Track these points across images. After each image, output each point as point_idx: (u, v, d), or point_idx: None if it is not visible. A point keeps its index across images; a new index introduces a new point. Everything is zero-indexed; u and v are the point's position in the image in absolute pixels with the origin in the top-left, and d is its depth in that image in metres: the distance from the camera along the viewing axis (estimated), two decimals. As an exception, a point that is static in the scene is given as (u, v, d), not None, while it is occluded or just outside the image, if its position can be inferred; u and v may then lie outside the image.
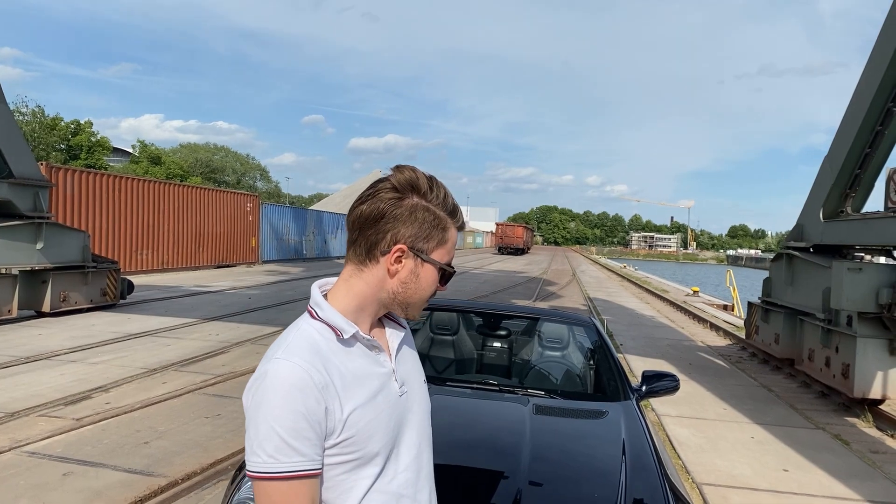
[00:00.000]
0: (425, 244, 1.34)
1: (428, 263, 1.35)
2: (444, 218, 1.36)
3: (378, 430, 1.31)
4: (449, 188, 1.41)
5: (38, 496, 4.40)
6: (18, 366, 8.13)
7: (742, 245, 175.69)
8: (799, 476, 5.65)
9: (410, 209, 1.33)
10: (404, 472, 1.37)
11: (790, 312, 10.04)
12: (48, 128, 47.96)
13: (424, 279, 1.36)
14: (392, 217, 1.32)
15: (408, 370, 1.46)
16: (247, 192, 39.19)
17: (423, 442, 1.45)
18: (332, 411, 1.25)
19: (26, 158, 12.33)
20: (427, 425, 1.49)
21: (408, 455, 1.39)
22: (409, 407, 1.41)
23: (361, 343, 1.35)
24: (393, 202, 1.32)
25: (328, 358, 1.28)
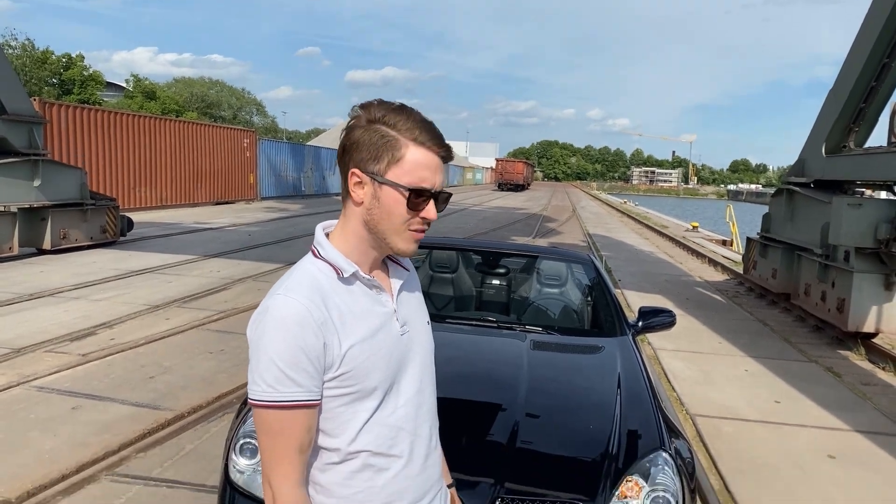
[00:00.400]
0: (376, 165, 1.33)
1: (386, 185, 1.33)
2: (394, 136, 1.33)
3: (377, 366, 1.35)
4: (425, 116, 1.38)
5: (49, 428, 4.52)
6: (22, 303, 8.22)
7: (743, 180, 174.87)
8: (790, 407, 5.79)
9: (360, 135, 1.34)
10: (404, 406, 1.41)
11: (788, 248, 10.08)
12: (39, 62, 46.99)
13: (386, 202, 1.34)
14: (349, 147, 1.35)
15: (410, 311, 1.49)
16: (244, 127, 38.73)
17: (425, 379, 1.49)
18: (331, 346, 1.29)
19: (19, 94, 12.15)
20: (430, 364, 1.53)
21: (408, 391, 1.43)
22: (410, 346, 1.45)
23: (362, 282, 1.39)
24: (348, 134, 1.36)
25: (328, 295, 1.33)
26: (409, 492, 1.41)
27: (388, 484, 1.38)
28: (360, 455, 1.36)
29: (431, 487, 1.48)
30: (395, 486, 1.39)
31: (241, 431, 2.58)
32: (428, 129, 1.35)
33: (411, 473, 1.41)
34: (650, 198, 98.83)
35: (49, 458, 4.08)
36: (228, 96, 76.08)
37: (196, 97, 68.83)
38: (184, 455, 4.25)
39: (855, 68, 9.04)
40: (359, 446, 1.35)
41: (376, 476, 1.37)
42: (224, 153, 27.65)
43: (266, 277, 10.65)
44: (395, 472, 1.39)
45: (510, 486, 2.30)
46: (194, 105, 65.93)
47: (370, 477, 1.37)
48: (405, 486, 1.40)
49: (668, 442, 2.58)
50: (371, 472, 1.37)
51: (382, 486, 1.38)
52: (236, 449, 2.54)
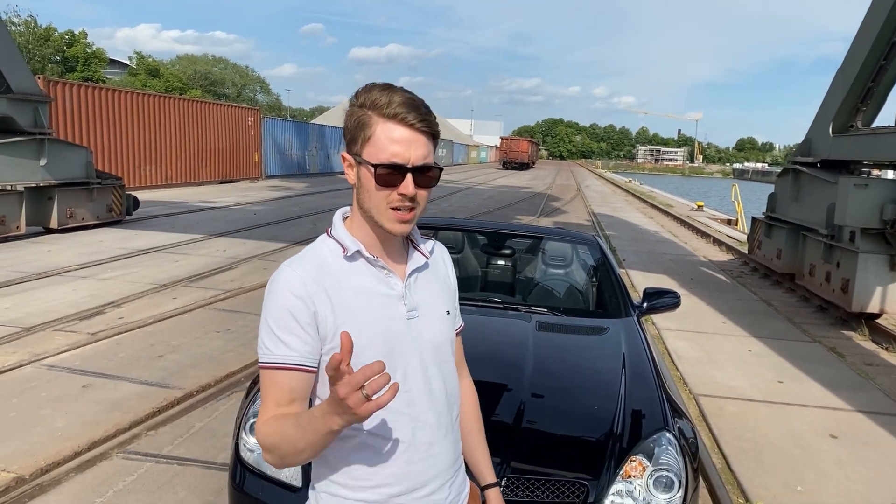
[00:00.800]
0: (354, 146, 1.38)
1: (362, 165, 1.36)
2: (364, 114, 1.35)
3: (372, 344, 1.36)
4: (410, 93, 1.37)
5: (60, 406, 4.59)
6: (31, 282, 8.28)
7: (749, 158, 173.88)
8: (793, 387, 5.83)
9: (345, 119, 1.39)
10: (406, 392, 1.40)
11: (793, 228, 10.07)
12: (42, 39, 46.80)
13: (364, 181, 1.38)
14: (343, 133, 1.42)
15: (424, 297, 1.49)
16: (248, 105, 38.57)
17: (435, 368, 1.48)
18: (324, 318, 1.34)
19: (23, 72, 12.12)
20: (445, 353, 1.52)
21: (412, 376, 1.42)
22: (419, 332, 1.45)
23: (367, 261, 1.42)
24: (346, 119, 1.41)
25: (329, 271, 1.39)
26: (410, 477, 1.42)
27: (387, 465, 1.40)
28: (359, 434, 1.38)
29: (437, 476, 1.47)
30: (395, 469, 1.40)
31: (251, 411, 2.63)
32: (404, 104, 1.33)
33: (412, 459, 1.42)
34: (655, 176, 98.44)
35: (61, 436, 4.15)
36: (232, 74, 75.79)
37: (200, 75, 68.56)
38: (193, 433, 4.32)
39: (864, 47, 8.96)
40: (358, 424, 1.35)
41: (375, 457, 1.39)
42: (228, 132, 27.59)
43: (272, 256, 10.69)
44: (395, 455, 1.40)
45: (516, 466, 2.34)
46: (198, 83, 65.70)
47: (369, 457, 1.39)
48: (406, 470, 1.41)
49: (671, 422, 2.62)
50: (370, 451, 1.39)
51: (381, 467, 1.40)
52: (246, 428, 2.59)
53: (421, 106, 1.36)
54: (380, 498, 1.40)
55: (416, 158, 1.34)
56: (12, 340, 5.96)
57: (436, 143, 1.42)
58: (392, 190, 1.35)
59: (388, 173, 1.33)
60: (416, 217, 1.41)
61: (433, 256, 1.57)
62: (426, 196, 1.41)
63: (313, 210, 18.09)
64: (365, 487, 1.40)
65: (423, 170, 1.36)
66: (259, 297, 8.02)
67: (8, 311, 6.89)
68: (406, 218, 1.38)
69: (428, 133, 1.37)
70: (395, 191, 1.35)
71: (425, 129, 1.36)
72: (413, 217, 1.40)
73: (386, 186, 1.34)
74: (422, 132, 1.35)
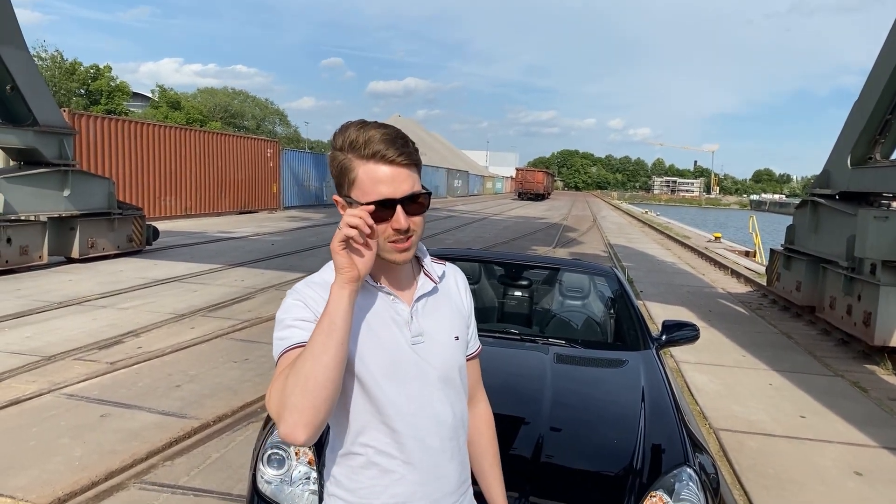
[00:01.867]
0: (343, 190, 1.43)
1: (353, 206, 1.39)
2: (345, 157, 1.39)
3: (371, 364, 1.42)
4: (385, 128, 1.39)
5: (79, 436, 4.61)
6: (52, 311, 8.38)
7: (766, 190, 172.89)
8: (816, 422, 5.73)
9: (329, 164, 1.45)
10: (411, 415, 1.45)
11: (813, 260, 9.98)
12: (67, 73, 47.93)
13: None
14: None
15: (432, 324, 1.52)
16: (267, 137, 39.11)
17: (440, 393, 1.50)
18: None
19: (49, 106, 12.41)
20: (453, 379, 1.54)
21: (416, 400, 1.46)
22: (425, 357, 1.48)
23: (372, 289, 1.47)
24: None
25: None
26: (416, 497, 1.46)
27: (393, 485, 1.44)
28: (366, 452, 1.44)
29: (443, 497, 1.50)
30: (400, 489, 1.45)
31: (268, 442, 2.63)
32: (381, 141, 1.36)
33: (417, 480, 1.46)
34: (672, 207, 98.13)
35: (79, 465, 4.16)
36: (252, 106, 76.98)
37: (220, 107, 69.71)
38: (210, 463, 4.31)
39: (881, 79, 8.96)
40: (364, 442, 1.44)
41: (381, 476, 1.44)
42: (248, 163, 27.96)
43: (289, 286, 10.63)
44: (400, 475, 1.44)
45: (534, 501, 2.31)
46: (218, 115, 66.77)
47: (375, 475, 1.44)
48: (411, 490, 1.45)
49: (692, 457, 2.58)
50: (376, 470, 1.44)
51: (386, 486, 1.44)
52: (264, 459, 2.59)
53: (397, 139, 1.38)
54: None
55: (402, 192, 1.37)
56: (33, 369, 6.01)
57: (419, 170, 1.44)
58: (385, 224, 1.38)
59: (377, 211, 1.35)
60: (414, 243, 1.44)
61: (444, 281, 1.60)
62: (420, 222, 1.43)
63: (330, 240, 18.15)
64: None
65: (412, 199, 1.39)
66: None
67: (29, 339, 6.96)
68: (404, 247, 1.41)
69: (408, 165, 1.39)
70: (389, 225, 1.38)
71: (405, 162, 1.38)
72: (411, 244, 1.42)
73: (379, 222, 1.37)
74: (402, 165, 1.38)
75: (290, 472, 2.52)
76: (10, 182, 11.19)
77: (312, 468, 2.51)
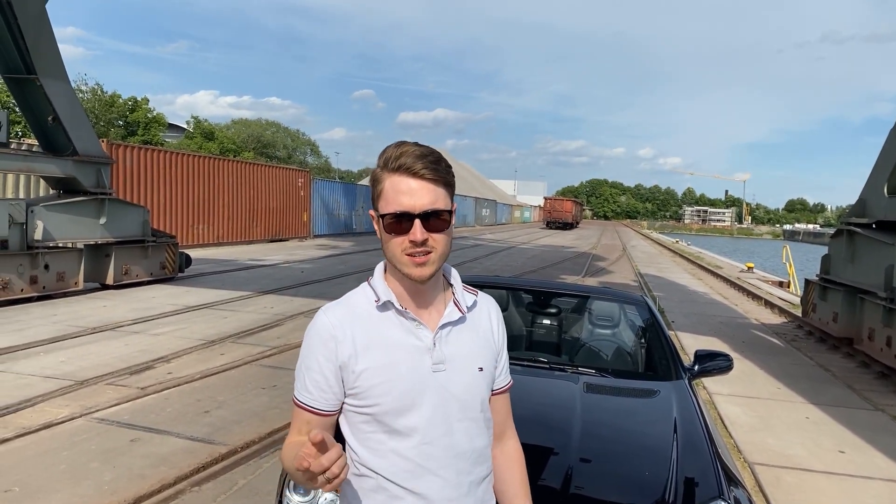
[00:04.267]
0: (375, 203, 1.47)
1: (381, 217, 1.44)
2: (376, 172, 1.46)
3: (390, 395, 1.43)
4: (419, 147, 1.43)
5: (109, 460, 4.64)
6: (86, 336, 8.52)
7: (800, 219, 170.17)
8: (856, 457, 5.54)
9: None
10: (424, 445, 1.44)
11: (850, 290, 9.75)
12: (107, 105, 49.30)
13: (382, 232, 1.45)
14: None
15: (455, 351, 1.50)
16: (298, 167, 39.67)
17: (460, 423, 1.48)
18: (347, 365, 1.45)
19: (89, 136, 12.75)
20: (473, 409, 1.51)
21: (433, 430, 1.45)
22: (445, 385, 1.47)
23: (397, 312, 1.48)
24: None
25: (360, 319, 1.47)
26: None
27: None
28: (375, 477, 1.45)
29: None
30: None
31: (295, 468, 2.62)
32: (409, 156, 1.40)
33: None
34: (703, 237, 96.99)
35: (108, 490, 4.19)
36: (284, 137, 78.32)
37: (252, 138, 71.04)
38: (237, 490, 4.31)
39: (917, 107, 8.80)
40: (374, 467, 1.45)
41: (389, 501, 1.44)
42: (279, 192, 28.37)
43: (317, 314, 10.77)
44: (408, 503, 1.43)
45: (564, 533, 2.26)
46: (251, 145, 68.04)
47: (384, 501, 1.44)
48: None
49: (726, 491, 2.51)
50: (385, 496, 1.44)
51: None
52: (290, 486, 2.58)
53: (429, 156, 1.41)
54: None
55: (421, 205, 1.39)
56: (66, 393, 6.10)
57: (449, 191, 1.46)
58: (403, 237, 1.40)
59: (394, 222, 1.40)
60: (432, 261, 1.43)
61: (473, 311, 1.57)
62: (443, 240, 1.43)
63: (359, 268, 18.29)
64: None
65: (433, 215, 1.40)
66: (304, 354, 8.08)
67: (63, 364, 7.08)
68: (421, 261, 1.41)
69: (434, 181, 1.41)
70: (406, 237, 1.40)
71: (430, 177, 1.40)
72: (429, 261, 1.42)
73: (397, 234, 1.41)
74: (427, 180, 1.40)
75: (317, 500, 2.51)
76: (48, 210, 11.48)
77: (339, 496, 2.49)
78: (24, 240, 10.91)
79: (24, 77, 11.41)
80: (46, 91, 11.48)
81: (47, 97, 11.52)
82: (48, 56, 11.64)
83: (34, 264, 11.01)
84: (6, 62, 11.35)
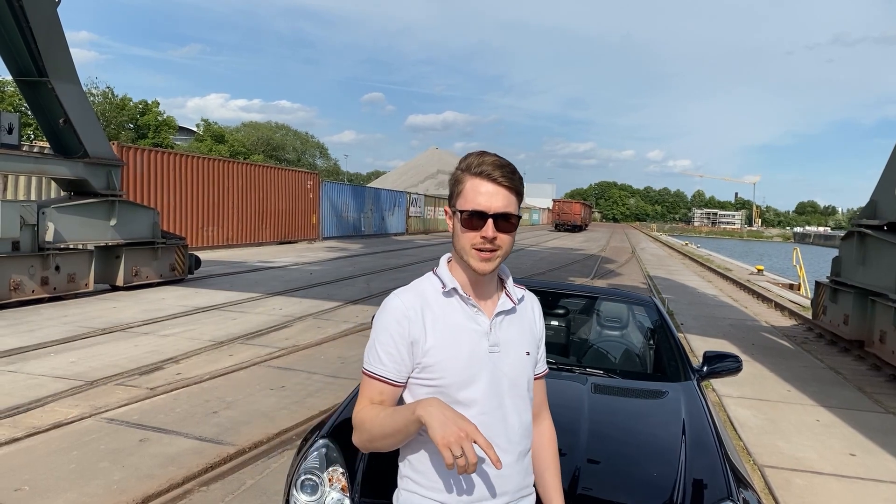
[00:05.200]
0: (452, 200, 1.70)
1: (455, 213, 1.66)
2: (459, 174, 1.66)
3: (451, 369, 1.64)
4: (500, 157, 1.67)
5: (118, 460, 4.67)
6: (96, 336, 8.56)
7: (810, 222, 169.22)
8: (867, 461, 5.50)
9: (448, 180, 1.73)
10: (482, 416, 1.62)
11: (861, 293, 9.69)
12: (118, 108, 49.64)
13: (456, 226, 1.66)
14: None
15: (508, 337, 1.73)
16: (307, 169, 39.80)
17: (510, 399, 1.70)
18: (418, 341, 1.64)
19: (100, 139, 12.84)
20: (521, 387, 1.74)
21: (488, 402, 1.66)
22: (498, 366, 1.69)
23: (460, 299, 1.70)
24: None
25: (429, 303, 1.68)
26: (478, 488, 1.64)
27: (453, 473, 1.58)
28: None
29: (503, 494, 1.67)
30: (465, 478, 1.62)
31: (301, 468, 2.62)
32: (489, 164, 1.63)
33: (481, 472, 1.64)
34: (712, 240, 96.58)
35: (117, 489, 4.20)
36: (293, 140, 78.56)
37: (262, 140, 71.29)
38: (245, 490, 4.32)
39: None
40: None
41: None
42: (288, 194, 28.45)
43: (326, 315, 10.82)
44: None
45: (571, 533, 2.25)
46: (260, 148, 68.28)
47: (440, 462, 1.58)
48: (476, 481, 1.63)
49: (735, 492, 2.49)
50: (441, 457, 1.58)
51: (453, 474, 1.59)
52: (297, 485, 2.58)
53: (506, 167, 1.64)
54: (449, 501, 1.63)
55: (496, 207, 1.61)
56: (76, 393, 6.13)
57: (519, 199, 1.69)
58: (476, 233, 1.62)
59: (471, 218, 1.62)
60: (497, 257, 1.65)
61: (521, 304, 1.81)
62: (508, 241, 1.65)
63: (367, 270, 18.33)
64: (438, 489, 1.64)
65: (504, 217, 1.62)
66: (312, 355, 8.12)
67: (73, 364, 7.12)
68: (487, 257, 1.63)
69: (509, 188, 1.63)
70: (479, 233, 1.61)
71: (506, 185, 1.62)
72: (493, 257, 1.64)
73: (470, 229, 1.62)
74: (503, 186, 1.62)
75: (324, 499, 2.51)
76: (59, 211, 11.56)
77: (345, 494, 2.49)
78: (36, 241, 10.99)
79: (36, 80, 11.50)
80: (58, 94, 11.57)
81: (59, 100, 11.61)
82: (60, 59, 11.72)
83: (45, 266, 11.08)
84: (18, 65, 11.44)
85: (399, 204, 42.69)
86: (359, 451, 2.66)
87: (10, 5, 10.70)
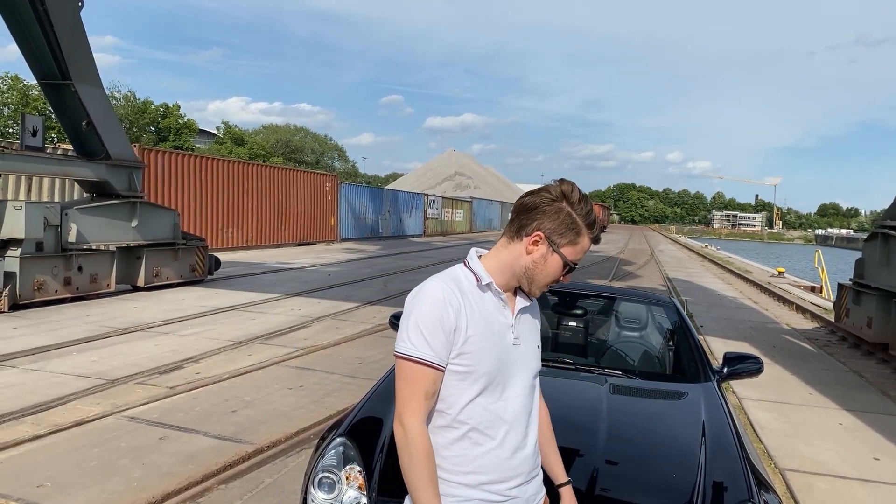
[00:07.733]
0: (559, 238, 1.75)
1: (556, 254, 1.75)
2: (580, 225, 1.75)
3: (486, 357, 1.73)
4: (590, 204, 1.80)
5: (138, 458, 4.71)
6: (117, 336, 8.66)
7: (832, 224, 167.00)
8: (891, 465, 5.41)
9: (557, 210, 1.74)
10: (505, 401, 1.77)
11: (885, 295, 9.54)
12: (139, 111, 50.26)
13: (550, 265, 1.76)
14: (542, 211, 1.75)
15: (525, 331, 1.86)
16: (326, 171, 39.98)
17: (529, 388, 1.85)
18: (460, 328, 1.71)
19: (121, 141, 13.00)
20: (536, 377, 1.89)
21: (511, 390, 1.78)
22: (520, 357, 1.82)
23: (493, 293, 1.80)
24: (547, 201, 1.75)
25: (466, 292, 1.75)
26: (496, 471, 1.74)
27: (480, 457, 1.73)
28: (464, 426, 1.73)
29: (519, 475, 1.79)
30: (485, 461, 1.73)
31: (319, 466, 2.63)
32: (598, 227, 1.79)
33: (501, 456, 1.75)
34: (732, 242, 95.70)
35: (137, 486, 4.24)
36: (312, 142, 79.02)
37: (281, 143, 71.78)
38: (263, 488, 4.34)
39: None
40: (464, 418, 1.73)
41: (472, 448, 1.73)
42: (307, 196, 28.60)
43: (344, 316, 10.85)
44: (487, 449, 1.74)
45: (589, 534, 2.23)
46: (280, 150, 68.75)
47: (467, 447, 1.73)
48: (494, 464, 1.74)
49: (756, 495, 2.46)
50: (468, 443, 1.73)
51: (475, 458, 1.73)
52: (315, 483, 2.59)
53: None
54: (472, 483, 1.73)
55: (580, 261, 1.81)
56: (97, 392, 6.20)
57: None
58: (559, 275, 1.79)
59: (566, 266, 1.78)
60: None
61: (534, 301, 1.94)
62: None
63: (385, 271, 18.36)
64: (461, 473, 1.73)
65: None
66: (330, 355, 8.14)
67: (95, 363, 7.20)
68: (545, 290, 1.83)
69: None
70: (559, 276, 1.79)
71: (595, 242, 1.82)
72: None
73: (559, 273, 1.78)
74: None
75: (341, 497, 2.51)
76: (82, 213, 11.71)
77: (363, 493, 2.49)
78: (59, 242, 11.14)
79: (60, 83, 11.66)
80: (81, 97, 11.73)
81: (82, 103, 11.77)
82: (83, 62, 11.88)
83: (68, 266, 11.23)
84: (42, 68, 11.61)
85: (417, 206, 42.74)
86: (376, 450, 2.66)
87: (34, 9, 10.87)
